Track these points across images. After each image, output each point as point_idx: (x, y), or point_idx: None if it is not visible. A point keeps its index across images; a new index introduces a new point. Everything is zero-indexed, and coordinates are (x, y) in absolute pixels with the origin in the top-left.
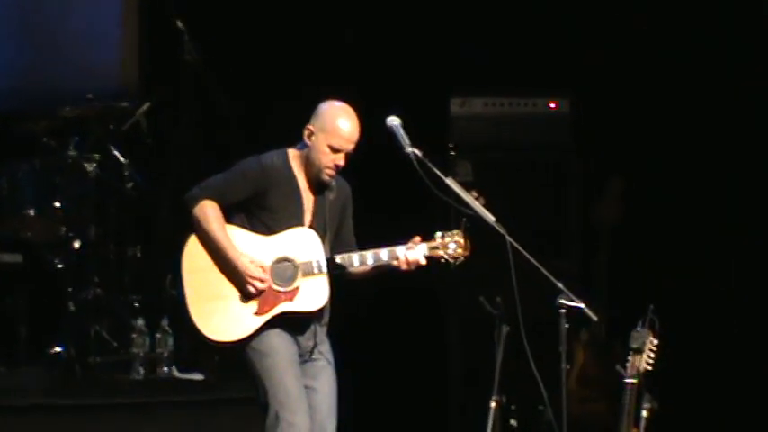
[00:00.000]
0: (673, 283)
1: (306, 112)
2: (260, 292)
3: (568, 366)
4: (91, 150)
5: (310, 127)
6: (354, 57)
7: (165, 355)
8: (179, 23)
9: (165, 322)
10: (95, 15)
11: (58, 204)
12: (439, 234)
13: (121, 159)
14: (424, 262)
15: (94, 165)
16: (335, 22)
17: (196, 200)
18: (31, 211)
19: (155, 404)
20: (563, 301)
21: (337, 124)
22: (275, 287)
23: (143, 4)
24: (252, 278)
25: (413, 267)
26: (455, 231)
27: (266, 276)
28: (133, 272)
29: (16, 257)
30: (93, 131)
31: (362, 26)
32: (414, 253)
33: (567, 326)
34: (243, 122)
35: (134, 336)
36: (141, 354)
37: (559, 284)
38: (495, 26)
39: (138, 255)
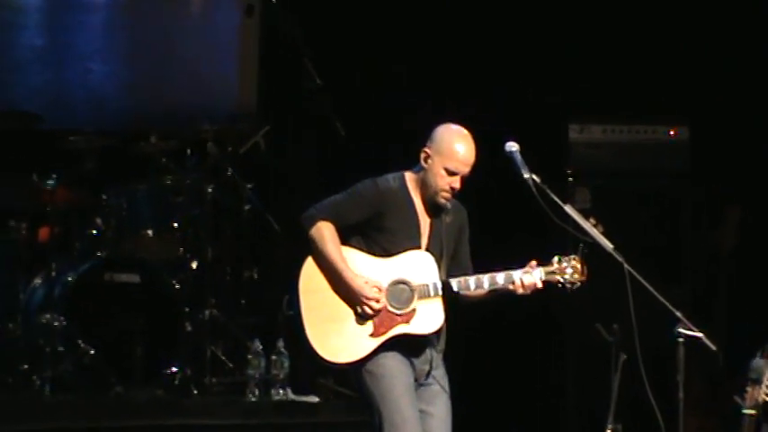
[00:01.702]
0: None
1: (423, 136)
2: (375, 314)
3: (685, 396)
4: (208, 172)
5: (427, 150)
6: (473, 81)
7: (281, 377)
8: (298, 47)
9: (280, 344)
10: (214, 38)
11: (175, 225)
12: (556, 259)
13: (239, 181)
14: (540, 285)
15: (212, 186)
16: (455, 47)
17: (313, 220)
18: (149, 232)
19: (270, 426)
20: (681, 329)
21: (454, 147)
22: (391, 309)
23: (262, 27)
24: (367, 299)
25: (529, 291)
26: (572, 256)
27: (381, 297)
28: (249, 293)
29: (133, 277)
30: (211, 153)
31: (482, 51)
32: (530, 277)
33: (684, 355)
34: (359, 145)
35: (250, 357)
36: (257, 375)
37: (678, 313)
38: (614, 53)
39: (255, 276)
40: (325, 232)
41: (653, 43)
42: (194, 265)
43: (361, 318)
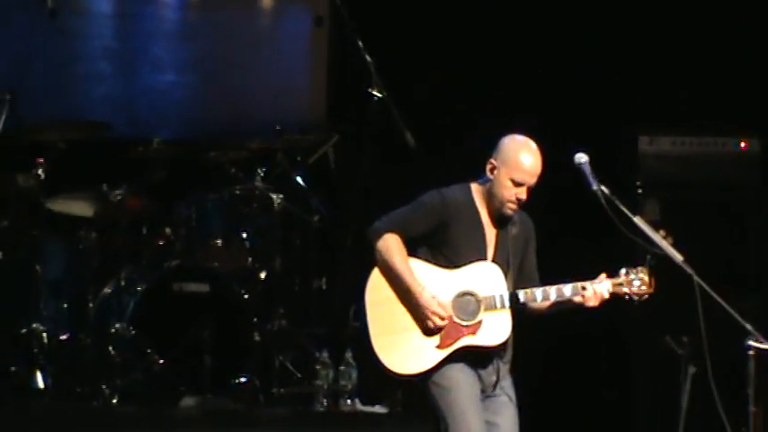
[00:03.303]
0: None
1: (489, 146)
2: (440, 328)
3: (756, 409)
4: (277, 182)
5: (492, 161)
6: (544, 92)
7: (349, 387)
8: (367, 57)
9: (348, 355)
10: (285, 48)
11: (244, 235)
12: (623, 271)
13: (307, 191)
14: (607, 297)
15: (281, 196)
16: (523, 59)
17: (379, 233)
18: (219, 242)
19: None
20: (752, 342)
21: (519, 158)
22: (458, 321)
23: (332, 38)
24: (432, 313)
25: (596, 304)
26: (639, 268)
27: (446, 313)
28: (318, 304)
29: (203, 287)
30: (280, 163)
31: (552, 63)
32: (598, 289)
33: (755, 368)
34: (426, 156)
35: (318, 368)
36: (325, 386)
37: (748, 326)
38: (685, 64)
39: (323, 287)
40: (391, 244)
41: (724, 55)
42: (263, 276)
43: (427, 330)
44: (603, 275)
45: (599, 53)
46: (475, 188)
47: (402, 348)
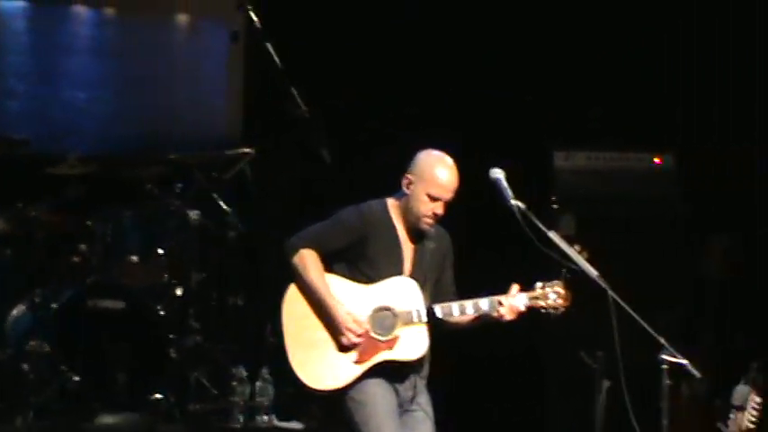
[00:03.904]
0: None
1: (405, 161)
2: (356, 345)
3: (669, 423)
4: (194, 198)
5: (409, 176)
6: (460, 108)
7: (265, 403)
8: (283, 73)
9: (265, 371)
10: (201, 64)
11: (160, 251)
12: (539, 284)
13: (224, 207)
14: (523, 309)
15: (197, 212)
16: (438, 75)
17: (295, 248)
18: (134, 258)
19: None
20: (666, 356)
21: (436, 173)
22: (375, 336)
23: (248, 54)
24: (347, 329)
25: (513, 317)
26: (555, 282)
27: (361, 330)
28: (235, 320)
29: (118, 304)
30: (197, 179)
31: (466, 78)
32: (514, 302)
33: (668, 382)
34: (343, 171)
35: (234, 384)
36: (241, 402)
37: (662, 340)
38: (600, 80)
39: (240, 303)
40: (308, 260)
41: (638, 72)
42: (179, 292)
43: (344, 346)
44: (516, 287)
45: (515, 69)
46: (392, 203)
47: (319, 363)
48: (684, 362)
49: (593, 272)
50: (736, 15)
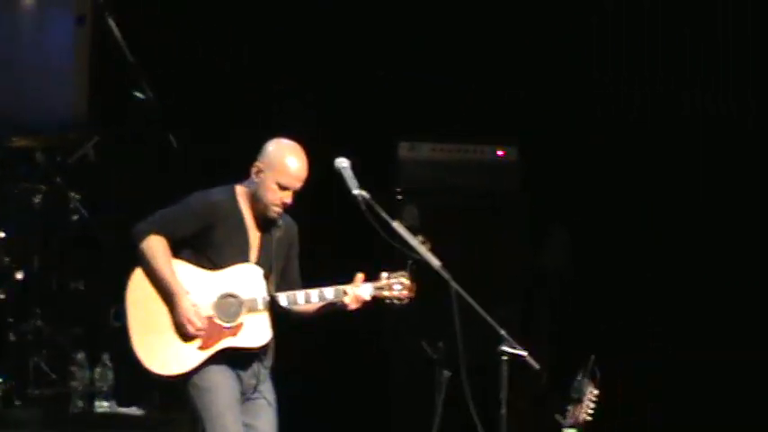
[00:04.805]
0: (615, 333)
1: (254, 149)
2: (196, 334)
3: (508, 413)
4: (37, 181)
5: (258, 164)
6: (305, 97)
7: (105, 389)
8: (129, 57)
9: (105, 356)
10: (47, 47)
11: (2, 234)
12: (385, 275)
13: (68, 191)
14: (368, 299)
15: (40, 196)
16: (282, 62)
17: (143, 234)
18: None
19: None
20: (505, 348)
21: (285, 162)
22: (219, 322)
23: (95, 37)
24: (188, 321)
25: (358, 306)
26: (401, 272)
27: (203, 323)
28: (76, 305)
29: None
30: (40, 162)
31: (315, 65)
32: (359, 291)
33: (507, 373)
34: (190, 157)
35: (74, 369)
36: (81, 387)
37: (502, 331)
38: (445, 72)
39: (81, 288)
40: (155, 246)
41: (483, 64)
42: (20, 276)
43: (187, 334)
44: (362, 276)
45: (361, 60)
46: (240, 190)
47: (163, 349)
48: (523, 353)
49: (435, 262)
50: (571, 11)
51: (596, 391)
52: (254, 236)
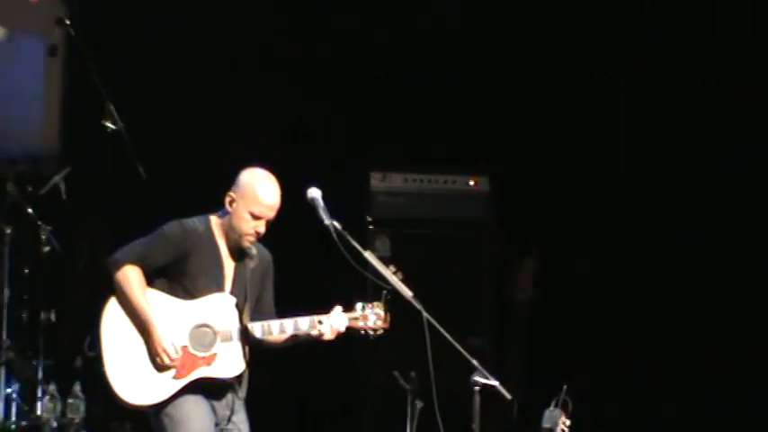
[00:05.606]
0: (587, 362)
1: (228, 179)
2: (170, 365)
3: None
4: (8, 212)
5: (231, 194)
6: (279, 127)
7: (76, 420)
8: (100, 88)
9: (77, 388)
10: (18, 78)
11: None
12: (360, 305)
13: (38, 222)
14: (343, 330)
15: (11, 227)
16: (263, 94)
17: (119, 264)
18: None
19: None
20: (477, 378)
21: (258, 192)
22: (193, 352)
23: (66, 68)
24: (163, 351)
25: (333, 337)
26: (375, 303)
27: (178, 355)
28: (47, 336)
29: None
30: (11, 193)
31: (289, 98)
32: (334, 322)
33: (480, 403)
34: (163, 188)
35: (45, 400)
36: (52, 419)
37: (474, 362)
38: (417, 104)
39: (53, 319)
40: (131, 276)
41: (455, 96)
42: None
43: (161, 365)
44: (339, 308)
45: (331, 90)
46: (214, 220)
47: (137, 378)
48: (495, 383)
49: (408, 293)
50: (545, 41)
51: (568, 422)
52: (229, 266)
